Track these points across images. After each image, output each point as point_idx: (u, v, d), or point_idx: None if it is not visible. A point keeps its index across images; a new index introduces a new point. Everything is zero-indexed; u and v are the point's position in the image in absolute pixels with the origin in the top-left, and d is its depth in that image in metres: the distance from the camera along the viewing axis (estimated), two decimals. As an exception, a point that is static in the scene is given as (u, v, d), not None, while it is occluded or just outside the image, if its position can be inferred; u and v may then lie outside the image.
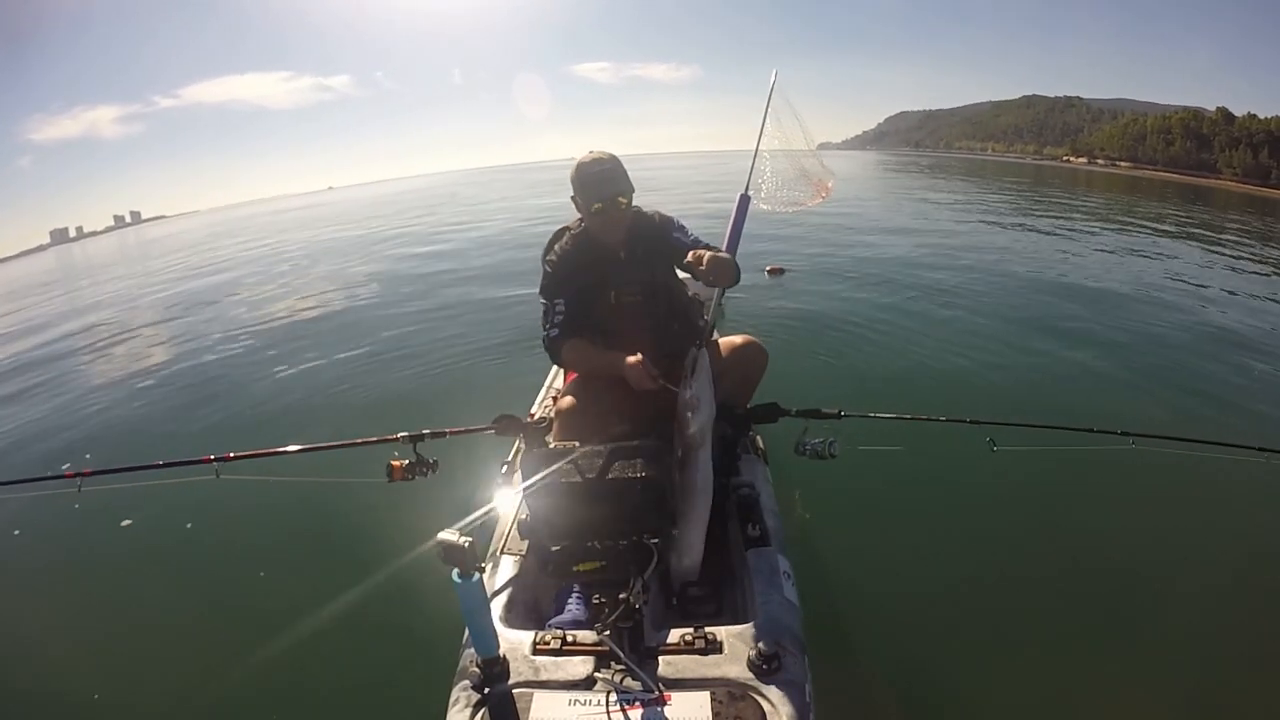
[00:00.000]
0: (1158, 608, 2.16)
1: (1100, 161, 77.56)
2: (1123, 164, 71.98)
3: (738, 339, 2.02)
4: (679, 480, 1.59)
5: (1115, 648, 1.99)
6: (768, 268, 7.03)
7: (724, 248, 2.49)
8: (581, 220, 2.00)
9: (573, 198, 1.95)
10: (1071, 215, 14.71)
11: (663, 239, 2.00)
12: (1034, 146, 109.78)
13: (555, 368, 2.92)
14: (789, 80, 2.25)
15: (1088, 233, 11.15)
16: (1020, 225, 11.92)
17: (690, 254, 1.85)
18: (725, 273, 1.85)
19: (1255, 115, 62.49)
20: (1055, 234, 10.82)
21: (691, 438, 1.60)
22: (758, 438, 2.12)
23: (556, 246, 1.98)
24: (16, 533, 2.98)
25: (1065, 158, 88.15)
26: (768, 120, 2.39)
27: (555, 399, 2.05)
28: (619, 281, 1.95)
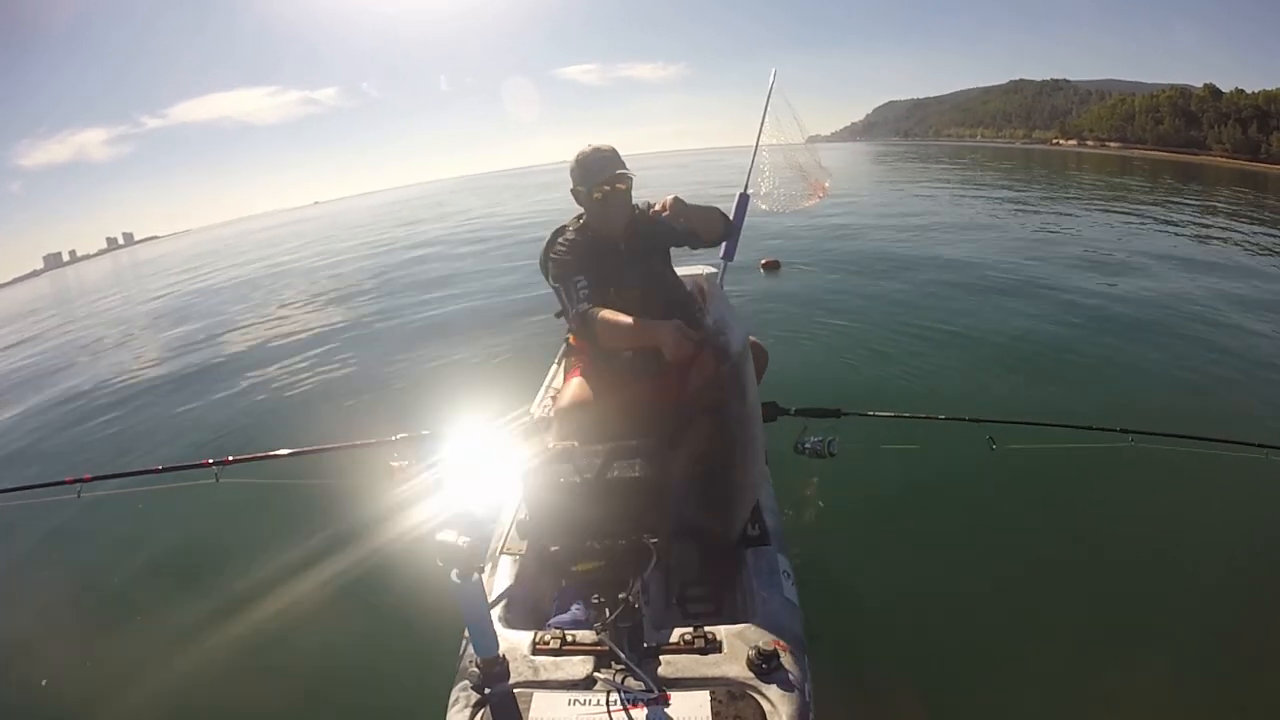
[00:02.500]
0: (1157, 604, 2.15)
1: (1090, 143, 76.28)
2: (1112, 144, 70.88)
3: (738, 339, 2.02)
4: (739, 411, 1.57)
5: (1116, 645, 1.99)
6: (762, 262, 6.98)
7: (723, 246, 2.50)
8: (580, 217, 2.01)
9: (573, 190, 1.96)
10: (1064, 202, 14.68)
11: (656, 228, 2.02)
12: (1023, 130, 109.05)
13: (555, 367, 2.92)
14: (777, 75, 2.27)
15: (1081, 222, 11.09)
16: (1014, 216, 11.88)
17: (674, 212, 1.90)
18: (710, 221, 1.90)
19: (1243, 90, 61.63)
20: (1050, 225, 10.76)
21: (737, 356, 1.57)
22: (757, 437, 2.12)
23: (560, 240, 1.99)
24: (17, 539, 2.98)
25: (1055, 140, 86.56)
26: (767, 120, 2.40)
27: (555, 399, 2.05)
28: (618, 277, 1.95)
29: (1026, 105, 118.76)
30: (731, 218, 2.45)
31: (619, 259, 1.95)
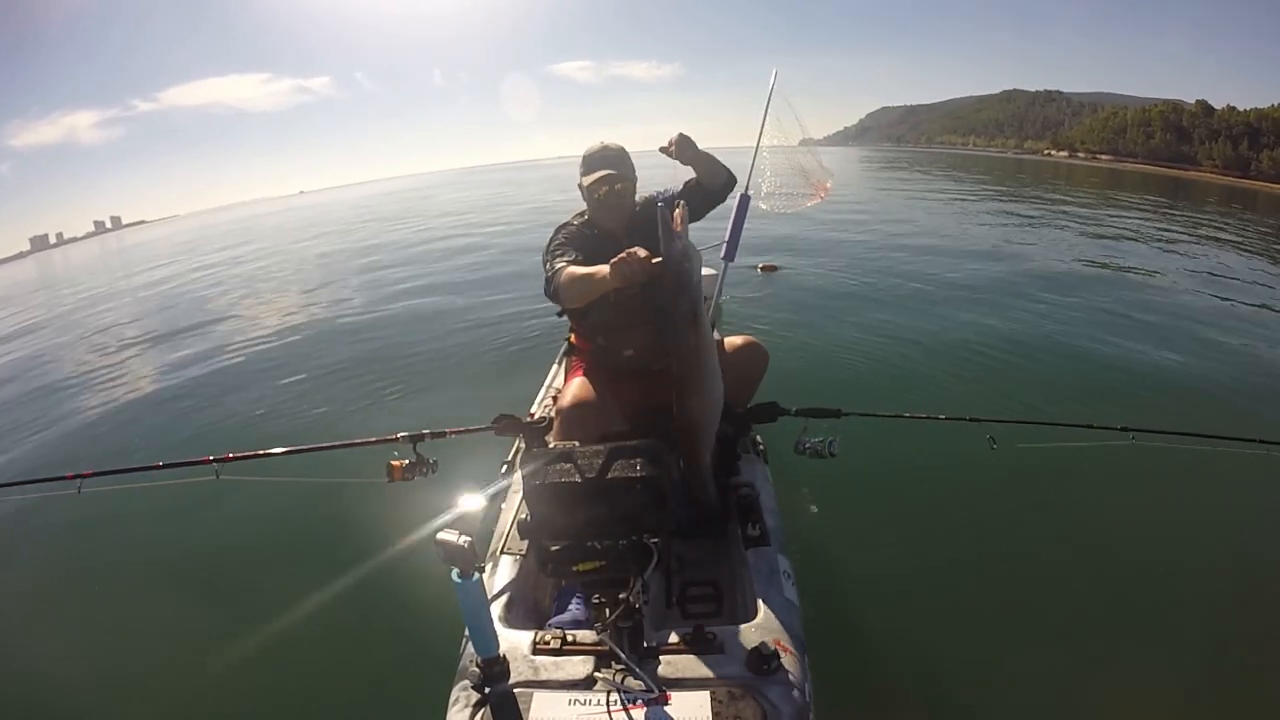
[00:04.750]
0: (1159, 603, 2.16)
1: (1081, 155, 77.35)
2: (1104, 157, 71.67)
3: (739, 339, 2.02)
4: (694, 342, 1.55)
5: (1117, 644, 1.99)
6: (760, 265, 7.01)
7: (723, 247, 2.50)
8: (583, 212, 2.04)
9: (579, 184, 1.99)
10: (1060, 209, 14.76)
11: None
12: (1015, 140, 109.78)
13: (556, 367, 2.92)
14: (770, 76, 2.27)
15: (1078, 228, 11.14)
16: (1012, 221, 11.92)
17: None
18: (713, 166, 1.87)
19: (1234, 108, 62.68)
20: (1048, 229, 10.82)
21: (698, 288, 1.56)
22: (757, 437, 2.12)
23: (563, 232, 2.01)
24: (16, 534, 2.98)
25: (1046, 151, 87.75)
26: (767, 120, 2.40)
27: (555, 399, 2.05)
28: None
29: (1019, 115, 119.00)
30: (732, 219, 2.45)
31: (619, 253, 1.95)
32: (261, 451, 1.98)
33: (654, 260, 1.53)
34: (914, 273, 6.88)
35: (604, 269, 1.62)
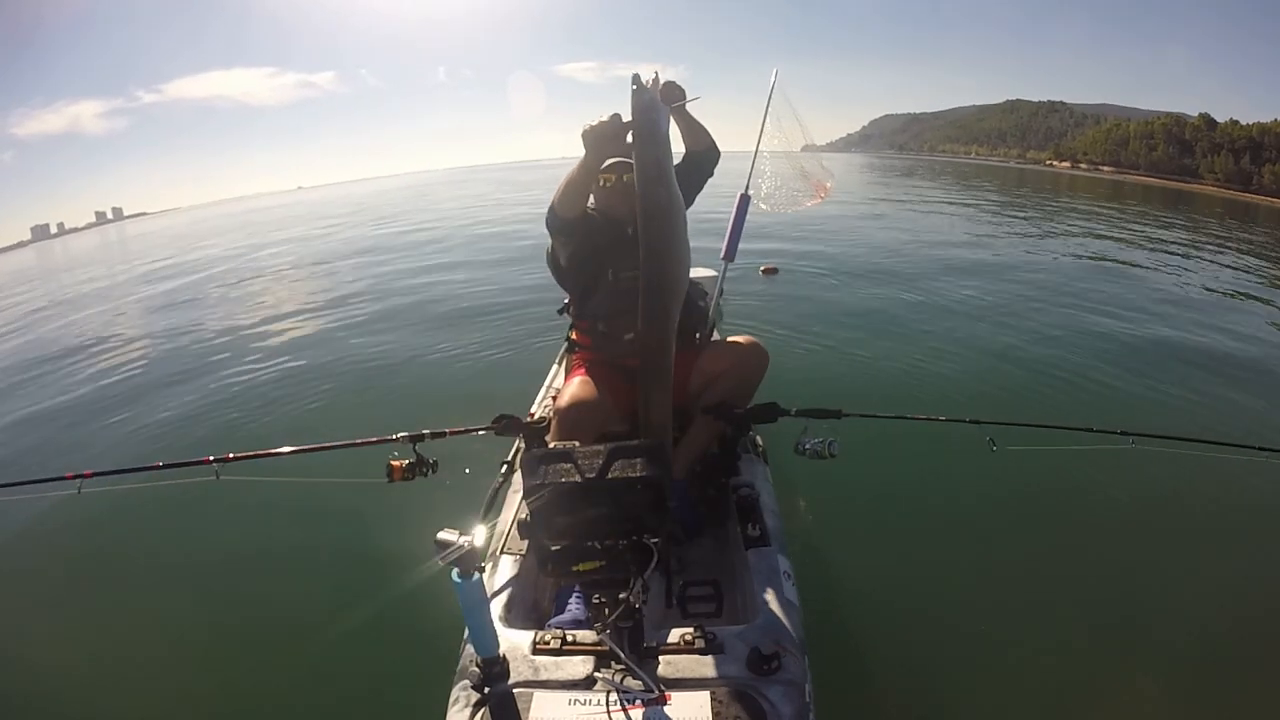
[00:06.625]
0: (1157, 607, 2.16)
1: (1083, 166, 77.29)
2: (1105, 168, 71.71)
3: (739, 340, 2.02)
4: (665, 196, 1.56)
5: (1115, 647, 1.99)
6: (762, 267, 7.05)
7: (724, 247, 2.50)
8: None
9: None
10: (1062, 218, 14.79)
11: None
12: (1017, 151, 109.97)
13: (555, 367, 2.92)
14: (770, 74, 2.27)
15: (1081, 235, 11.17)
16: (1013, 228, 11.94)
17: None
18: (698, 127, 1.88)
19: (1237, 121, 62.82)
20: (1050, 236, 10.84)
21: (666, 141, 1.57)
22: (757, 437, 2.12)
23: None
24: (16, 535, 2.98)
25: (1049, 162, 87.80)
26: (768, 120, 2.40)
27: (555, 399, 2.05)
28: (618, 261, 1.94)
29: (1022, 125, 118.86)
30: (732, 219, 2.46)
31: (625, 243, 1.95)
32: (261, 451, 1.98)
33: (624, 121, 1.57)
34: (915, 275, 6.89)
35: (580, 162, 1.68)
